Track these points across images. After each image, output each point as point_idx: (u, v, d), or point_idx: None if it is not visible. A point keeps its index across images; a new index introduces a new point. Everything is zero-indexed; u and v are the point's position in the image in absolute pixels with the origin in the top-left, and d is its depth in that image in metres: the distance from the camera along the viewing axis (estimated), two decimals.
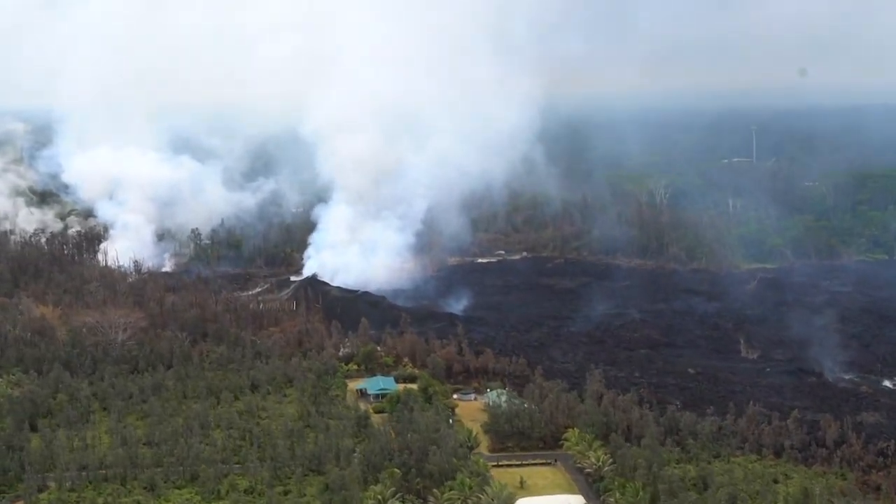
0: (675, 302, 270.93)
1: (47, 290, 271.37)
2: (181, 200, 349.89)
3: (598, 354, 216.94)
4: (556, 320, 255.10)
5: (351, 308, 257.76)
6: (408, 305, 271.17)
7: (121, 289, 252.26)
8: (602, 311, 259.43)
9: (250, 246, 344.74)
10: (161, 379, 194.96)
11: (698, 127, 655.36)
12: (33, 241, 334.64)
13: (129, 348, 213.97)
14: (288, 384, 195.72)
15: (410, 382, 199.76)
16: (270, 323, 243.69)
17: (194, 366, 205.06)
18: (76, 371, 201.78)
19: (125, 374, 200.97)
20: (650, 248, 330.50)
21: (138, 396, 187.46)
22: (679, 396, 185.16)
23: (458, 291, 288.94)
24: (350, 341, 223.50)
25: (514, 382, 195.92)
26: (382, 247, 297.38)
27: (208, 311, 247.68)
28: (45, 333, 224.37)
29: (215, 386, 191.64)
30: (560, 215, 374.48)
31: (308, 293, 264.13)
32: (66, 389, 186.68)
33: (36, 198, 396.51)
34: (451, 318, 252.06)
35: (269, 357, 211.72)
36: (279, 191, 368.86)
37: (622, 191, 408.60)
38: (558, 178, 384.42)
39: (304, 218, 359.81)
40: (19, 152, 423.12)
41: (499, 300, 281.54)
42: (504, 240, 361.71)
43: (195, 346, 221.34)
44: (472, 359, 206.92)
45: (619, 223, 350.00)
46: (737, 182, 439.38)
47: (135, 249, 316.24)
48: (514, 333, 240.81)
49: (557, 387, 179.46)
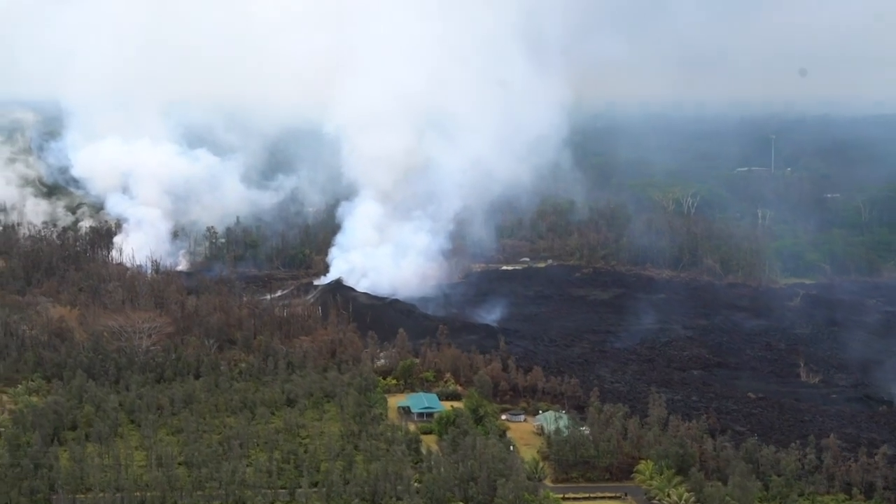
0: (716, 317, 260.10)
1: (61, 288, 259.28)
2: (196, 196, 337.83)
3: (649, 374, 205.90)
4: (596, 334, 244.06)
5: (381, 316, 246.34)
6: (439, 314, 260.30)
7: (141, 290, 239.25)
8: (643, 326, 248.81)
9: (267, 246, 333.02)
10: (191, 390, 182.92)
11: (712, 134, 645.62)
12: (44, 235, 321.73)
13: (154, 355, 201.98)
14: (326, 399, 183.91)
15: (454, 400, 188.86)
16: (298, 330, 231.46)
17: (224, 376, 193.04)
18: (99, 379, 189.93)
19: (151, 384, 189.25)
20: (683, 260, 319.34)
21: (168, 408, 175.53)
22: (744, 424, 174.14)
23: (488, 300, 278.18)
24: (387, 353, 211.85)
25: (565, 403, 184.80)
26: (412, 250, 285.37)
27: (232, 315, 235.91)
28: (63, 336, 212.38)
29: (249, 399, 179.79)
30: (585, 223, 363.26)
31: (336, 299, 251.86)
32: (92, 400, 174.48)
33: (44, 189, 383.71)
34: (488, 330, 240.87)
35: (303, 368, 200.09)
36: (298, 190, 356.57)
37: (647, 199, 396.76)
38: (584, 184, 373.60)
39: (324, 218, 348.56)
40: (28, 142, 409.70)
41: (532, 311, 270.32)
42: (529, 247, 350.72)
43: (222, 354, 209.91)
44: (518, 376, 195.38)
45: (648, 232, 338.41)
46: (761, 192, 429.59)
47: (149, 246, 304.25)
48: (554, 348, 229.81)
49: (620, 411, 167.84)
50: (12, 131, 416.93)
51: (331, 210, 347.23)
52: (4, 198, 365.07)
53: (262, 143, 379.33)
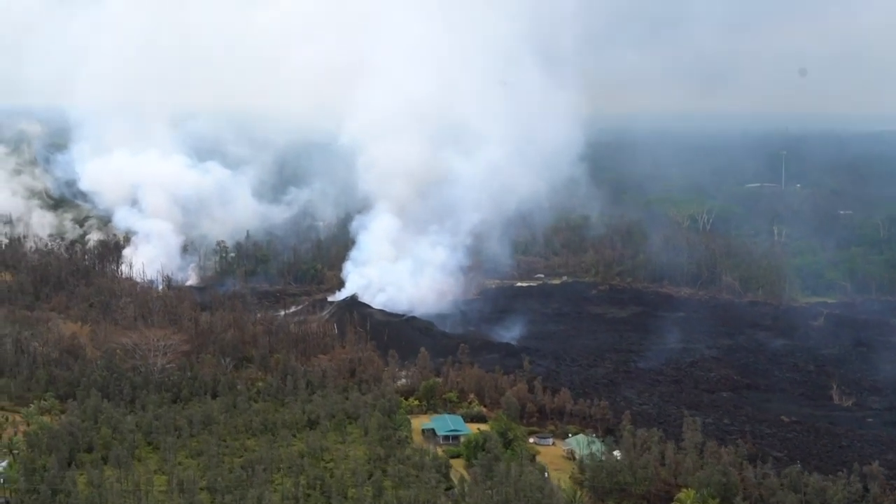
0: (739, 337, 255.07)
1: (70, 303, 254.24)
2: (207, 209, 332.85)
3: (677, 396, 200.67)
4: (618, 354, 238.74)
5: (398, 334, 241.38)
6: (457, 332, 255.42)
7: (154, 306, 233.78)
8: (666, 346, 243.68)
9: (279, 261, 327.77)
10: (209, 411, 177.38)
11: (719, 149, 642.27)
12: (51, 248, 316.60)
13: (170, 374, 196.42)
14: (349, 421, 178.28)
15: (479, 422, 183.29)
16: (314, 348, 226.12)
17: (242, 396, 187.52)
18: (114, 398, 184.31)
19: (167, 404, 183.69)
20: (701, 277, 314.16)
21: (186, 430, 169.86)
22: (781, 449, 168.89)
23: (505, 317, 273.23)
24: (409, 372, 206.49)
25: (595, 426, 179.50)
26: (428, 265, 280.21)
27: (247, 332, 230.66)
28: (75, 353, 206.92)
29: (269, 421, 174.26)
30: (600, 239, 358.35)
31: (353, 316, 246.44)
32: (108, 421, 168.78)
33: (51, 201, 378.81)
34: (509, 349, 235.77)
35: (323, 388, 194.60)
36: (310, 203, 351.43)
37: (662, 215, 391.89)
38: (597, 199, 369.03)
39: (336, 232, 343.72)
40: (33, 154, 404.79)
41: (551, 329, 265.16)
42: (544, 263, 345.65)
43: (238, 373, 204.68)
44: (545, 398, 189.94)
45: (665, 249, 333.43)
46: (775, 208, 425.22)
47: (160, 260, 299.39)
48: (577, 368, 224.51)
49: (655, 436, 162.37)
50: (18, 142, 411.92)
51: (343, 224, 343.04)
52: (10, 209, 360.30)
53: (273, 156, 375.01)
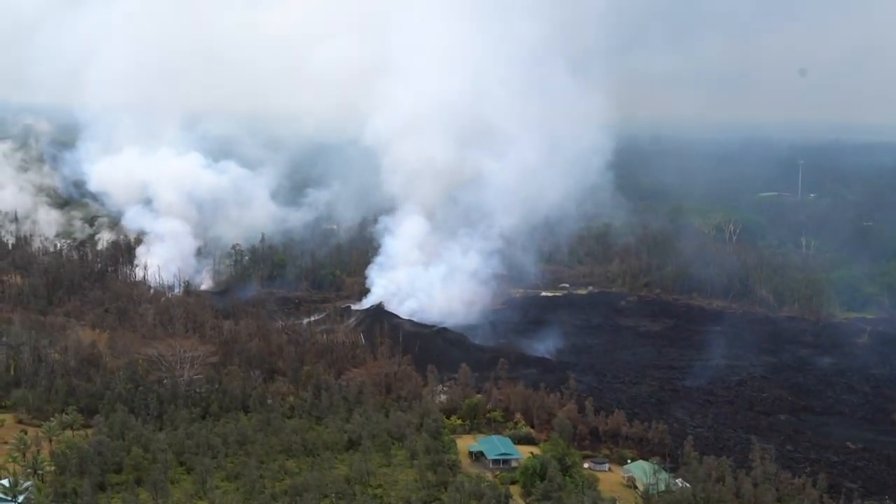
0: (783, 354, 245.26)
1: (85, 308, 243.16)
2: (222, 210, 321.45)
3: (732, 418, 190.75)
4: (659, 370, 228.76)
5: (429, 346, 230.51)
6: (487, 344, 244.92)
7: (175, 313, 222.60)
8: (708, 362, 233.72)
9: (295, 266, 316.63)
10: (243, 429, 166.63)
11: (729, 157, 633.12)
12: (60, 248, 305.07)
13: (197, 387, 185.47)
14: (392, 442, 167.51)
15: (527, 444, 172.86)
16: (343, 360, 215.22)
17: (275, 413, 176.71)
18: (139, 413, 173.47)
19: (197, 420, 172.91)
20: (733, 290, 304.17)
21: (220, 449, 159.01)
22: (853, 479, 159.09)
23: (534, 329, 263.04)
24: (449, 388, 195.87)
25: (654, 451, 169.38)
26: (458, 273, 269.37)
27: (272, 342, 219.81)
28: (95, 363, 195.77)
29: (309, 441, 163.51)
30: (625, 248, 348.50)
31: (382, 327, 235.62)
32: (138, 440, 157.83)
33: (58, 199, 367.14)
34: (546, 364, 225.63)
35: (359, 405, 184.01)
36: (328, 206, 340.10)
37: (687, 224, 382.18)
38: (622, 207, 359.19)
39: (354, 237, 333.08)
40: (41, 150, 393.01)
41: (585, 342, 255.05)
42: (568, 272, 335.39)
43: (267, 386, 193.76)
44: (596, 419, 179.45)
45: (694, 260, 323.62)
46: (798, 219, 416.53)
47: (174, 263, 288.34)
48: (619, 385, 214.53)
49: (726, 465, 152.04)
50: (25, 139, 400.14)
51: (361, 228, 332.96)
52: (16, 206, 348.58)
53: (289, 157, 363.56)
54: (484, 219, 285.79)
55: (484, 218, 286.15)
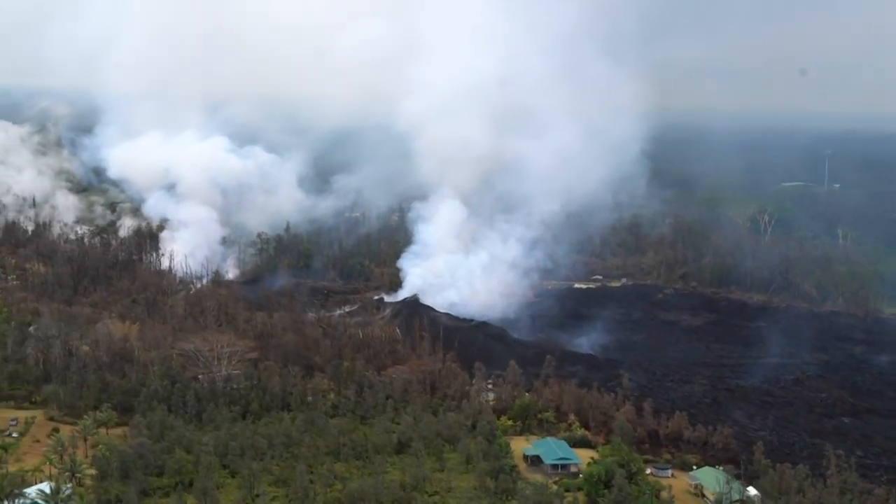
0: (834, 351, 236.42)
1: (111, 298, 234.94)
2: (248, 197, 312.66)
3: (794, 421, 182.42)
4: (708, 368, 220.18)
5: (470, 341, 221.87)
6: (526, 339, 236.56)
7: (208, 305, 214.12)
8: (758, 360, 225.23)
9: (322, 255, 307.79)
10: (287, 429, 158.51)
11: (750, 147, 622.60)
12: (82, 236, 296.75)
13: (236, 384, 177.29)
14: (444, 444, 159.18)
15: (583, 448, 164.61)
16: (381, 355, 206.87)
17: (318, 412, 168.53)
18: (177, 412, 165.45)
19: (236, 419, 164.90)
20: (773, 283, 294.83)
21: (266, 451, 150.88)
22: None
23: (573, 323, 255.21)
24: (496, 387, 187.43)
25: (716, 457, 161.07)
26: (499, 262, 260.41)
27: (308, 336, 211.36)
28: (128, 358, 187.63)
29: (358, 444, 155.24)
30: (659, 239, 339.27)
31: (422, 320, 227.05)
32: (180, 441, 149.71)
33: (75, 185, 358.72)
34: (592, 361, 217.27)
35: (403, 403, 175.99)
36: (356, 193, 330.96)
37: (719, 215, 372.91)
38: (655, 198, 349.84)
39: (383, 225, 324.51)
40: (59, 134, 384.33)
41: (628, 337, 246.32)
42: (601, 263, 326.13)
43: (305, 383, 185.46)
44: (655, 421, 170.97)
45: (731, 252, 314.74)
46: (832, 210, 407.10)
47: (200, 251, 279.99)
48: (669, 384, 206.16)
49: (801, 474, 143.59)
50: (42, 123, 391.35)
51: (386, 217, 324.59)
52: (34, 190, 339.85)
53: (314, 143, 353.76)
54: (520, 206, 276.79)
55: (520, 205, 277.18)
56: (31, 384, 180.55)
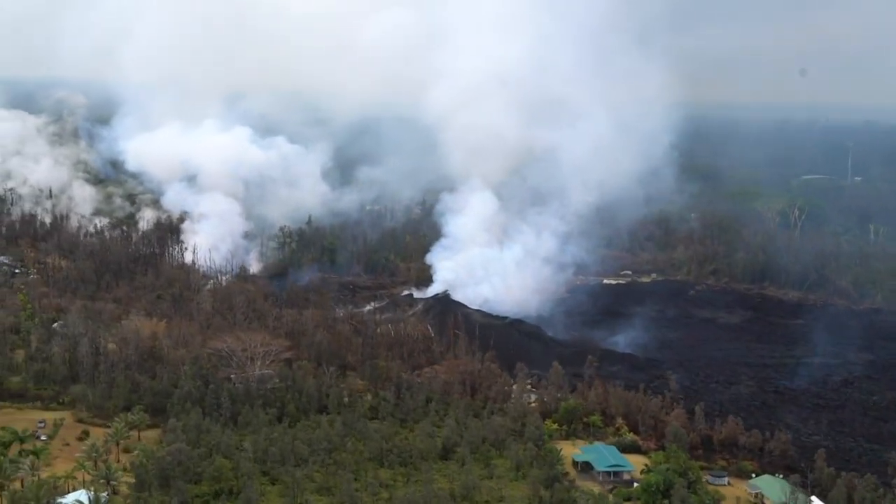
0: (880, 351, 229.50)
1: (134, 294, 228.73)
2: (270, 189, 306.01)
3: (849, 425, 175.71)
4: (752, 368, 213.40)
5: (504, 339, 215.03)
6: (561, 337, 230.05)
7: (237, 302, 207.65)
8: (803, 360, 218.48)
9: (345, 249, 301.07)
10: (328, 434, 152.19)
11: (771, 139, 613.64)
12: (102, 229, 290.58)
13: (270, 385, 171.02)
14: (489, 450, 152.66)
15: (633, 453, 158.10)
16: (415, 354, 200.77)
17: (356, 415, 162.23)
18: (211, 414, 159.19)
19: (273, 422, 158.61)
20: (808, 280, 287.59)
21: (307, 457, 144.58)
22: None
23: (607, 321, 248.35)
24: (538, 388, 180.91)
25: (773, 464, 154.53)
26: (533, 256, 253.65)
27: (339, 334, 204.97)
28: (155, 356, 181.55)
29: (403, 450, 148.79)
30: (688, 234, 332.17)
31: (456, 318, 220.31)
32: (218, 447, 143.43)
33: (92, 176, 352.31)
34: (633, 361, 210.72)
35: (443, 405, 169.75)
36: (380, 186, 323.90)
37: (748, 209, 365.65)
38: (683, 191, 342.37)
39: (407, 218, 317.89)
40: (76, 125, 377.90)
41: (665, 336, 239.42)
42: (630, 258, 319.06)
43: (342, 383, 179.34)
44: (706, 426, 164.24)
45: (767, 247, 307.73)
46: (857, 204, 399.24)
47: (223, 244, 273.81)
48: (714, 385, 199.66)
49: (869, 486, 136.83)
50: (59, 113, 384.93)
51: (409, 209, 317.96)
52: (51, 181, 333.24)
53: (336, 135, 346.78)
54: (549, 199, 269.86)
55: (549, 198, 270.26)
56: (58, 384, 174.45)
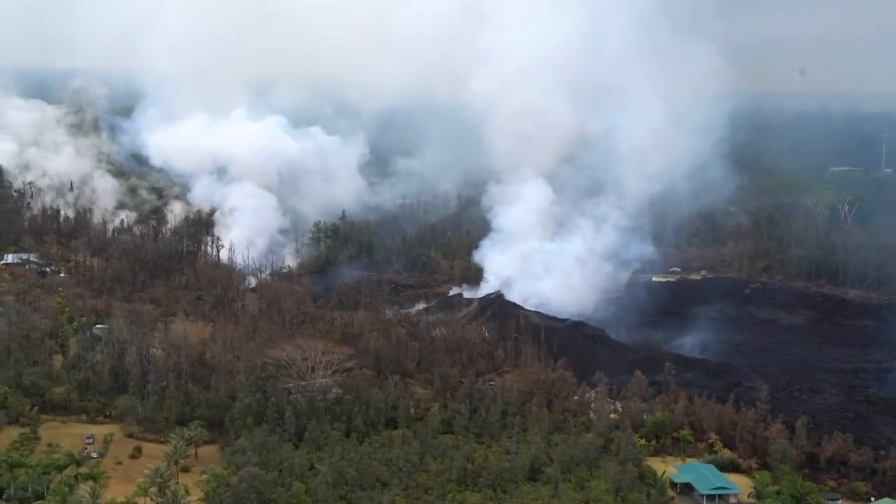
0: None
1: (172, 294, 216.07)
2: (305, 182, 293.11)
3: None
4: (834, 374, 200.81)
5: (568, 344, 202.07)
6: (626, 340, 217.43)
7: (286, 305, 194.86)
8: (882, 364, 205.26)
9: (382, 246, 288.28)
10: (407, 453, 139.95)
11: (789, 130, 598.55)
12: (129, 226, 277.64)
13: (333, 396, 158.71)
14: (577, 468, 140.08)
15: (732, 472, 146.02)
16: (476, 359, 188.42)
17: (429, 429, 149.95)
18: (274, 430, 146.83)
19: (341, 439, 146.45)
20: (867, 277, 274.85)
21: (388, 479, 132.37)
22: None
23: (665, 322, 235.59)
24: (621, 400, 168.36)
25: (887, 484, 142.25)
26: (586, 252, 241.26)
27: (396, 339, 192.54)
28: (204, 363, 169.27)
29: (489, 470, 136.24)
30: (736, 229, 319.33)
31: (518, 321, 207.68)
32: (291, 469, 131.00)
33: (115, 169, 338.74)
34: (706, 366, 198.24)
35: (522, 418, 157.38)
36: (420, 179, 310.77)
37: (794, 203, 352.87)
38: (732, 185, 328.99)
39: (447, 213, 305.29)
40: (96, 115, 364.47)
41: (730, 338, 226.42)
42: (677, 254, 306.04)
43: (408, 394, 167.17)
44: (808, 442, 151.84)
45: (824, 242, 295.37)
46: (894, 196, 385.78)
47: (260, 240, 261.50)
48: (797, 394, 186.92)
49: None
50: (79, 104, 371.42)
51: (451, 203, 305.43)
52: (72, 174, 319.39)
53: (369, 126, 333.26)
54: (606, 189, 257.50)
55: (605, 188, 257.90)
56: (104, 395, 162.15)
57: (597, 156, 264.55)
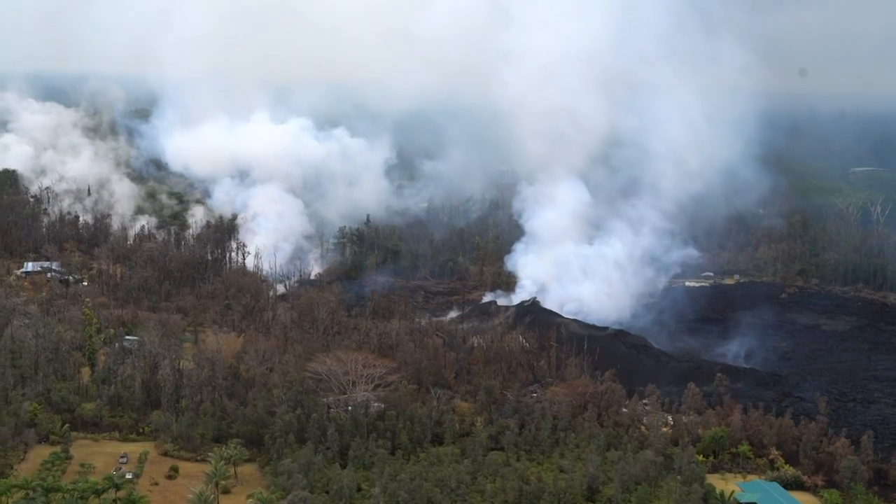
0: None
1: (200, 304, 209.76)
2: (330, 186, 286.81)
3: None
4: (885, 384, 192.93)
5: (610, 353, 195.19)
6: (666, 349, 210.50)
7: (320, 315, 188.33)
8: None
9: (408, 251, 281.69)
10: (459, 472, 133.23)
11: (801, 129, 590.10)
12: (150, 232, 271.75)
13: (376, 411, 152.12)
14: (645, 490, 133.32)
15: (796, 490, 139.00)
16: (514, 369, 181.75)
17: (476, 444, 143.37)
18: (317, 448, 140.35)
19: (386, 458, 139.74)
20: None
21: (440, 500, 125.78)
22: None
23: (705, 328, 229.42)
24: (673, 413, 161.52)
25: None
26: (623, 256, 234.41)
27: (433, 349, 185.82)
28: (245, 381, 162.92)
29: (547, 491, 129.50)
30: (769, 232, 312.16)
31: (558, 329, 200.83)
32: (340, 493, 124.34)
33: (133, 173, 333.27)
34: (756, 376, 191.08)
35: (572, 433, 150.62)
36: (447, 182, 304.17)
37: (825, 205, 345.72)
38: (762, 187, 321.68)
39: (473, 218, 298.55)
40: (113, 118, 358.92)
41: (774, 346, 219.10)
42: (709, 258, 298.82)
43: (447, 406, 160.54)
44: (875, 457, 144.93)
45: (858, 246, 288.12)
46: None
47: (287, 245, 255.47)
48: (851, 405, 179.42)
49: None
50: (95, 108, 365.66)
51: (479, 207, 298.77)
52: (89, 179, 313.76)
53: (392, 128, 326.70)
54: (641, 190, 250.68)
55: (641, 189, 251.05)
56: (136, 411, 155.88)
57: (631, 155, 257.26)
